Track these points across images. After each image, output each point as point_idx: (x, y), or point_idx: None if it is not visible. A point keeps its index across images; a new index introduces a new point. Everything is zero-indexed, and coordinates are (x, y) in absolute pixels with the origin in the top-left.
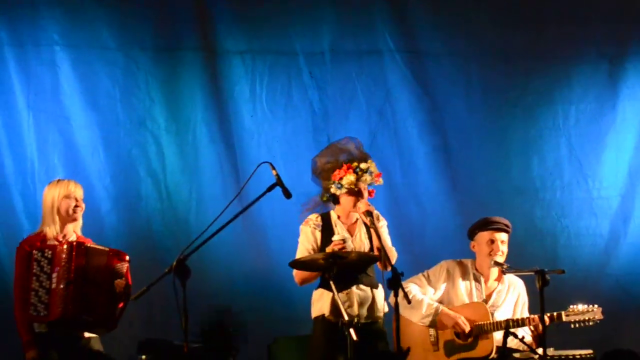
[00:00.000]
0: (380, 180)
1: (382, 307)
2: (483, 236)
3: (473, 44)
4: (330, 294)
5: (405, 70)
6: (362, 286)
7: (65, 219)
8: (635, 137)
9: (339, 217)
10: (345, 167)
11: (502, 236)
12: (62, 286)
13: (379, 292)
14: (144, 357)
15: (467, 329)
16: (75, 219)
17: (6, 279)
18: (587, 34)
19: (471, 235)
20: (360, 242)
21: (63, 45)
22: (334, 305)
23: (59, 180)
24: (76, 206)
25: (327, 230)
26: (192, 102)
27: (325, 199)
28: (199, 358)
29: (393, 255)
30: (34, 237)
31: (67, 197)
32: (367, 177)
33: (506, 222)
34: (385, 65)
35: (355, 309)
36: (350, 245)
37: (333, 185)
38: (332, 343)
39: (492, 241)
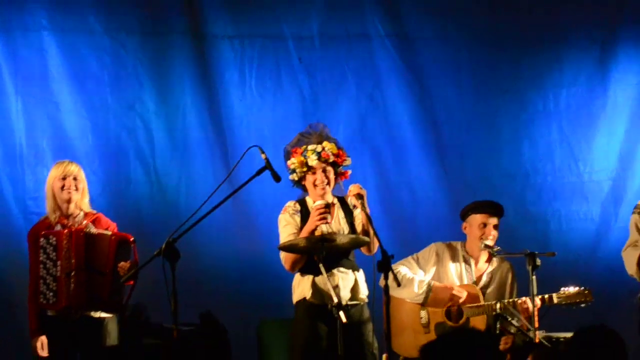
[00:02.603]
0: (346, 160)
1: (365, 290)
2: (475, 219)
3: (463, 29)
4: (311, 277)
5: (395, 55)
6: (342, 269)
7: (60, 201)
8: (626, 121)
9: (314, 201)
10: (293, 151)
11: (495, 220)
12: (64, 275)
13: (360, 275)
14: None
15: (464, 295)
16: (69, 200)
17: None
18: (578, 18)
19: (464, 216)
20: (338, 225)
21: (51, 30)
22: (315, 288)
23: (57, 163)
24: (63, 187)
25: (305, 215)
26: (181, 86)
27: (294, 185)
28: (188, 341)
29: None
30: (41, 224)
31: (59, 178)
32: (313, 158)
33: (500, 206)
34: (374, 50)
35: (330, 288)
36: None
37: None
38: (315, 326)
39: (485, 224)
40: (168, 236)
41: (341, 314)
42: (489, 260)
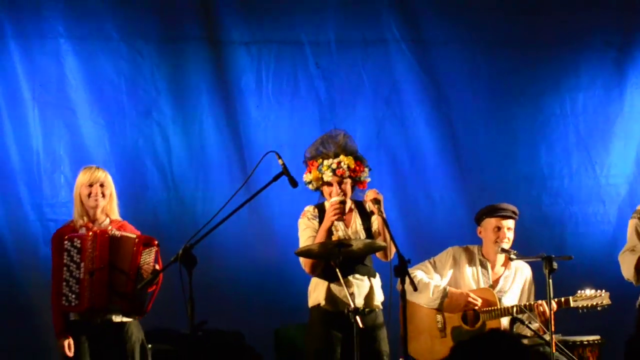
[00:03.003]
0: (363, 172)
1: (380, 296)
2: (490, 222)
3: (479, 32)
4: (326, 283)
5: (411, 59)
6: (358, 275)
7: (87, 207)
8: None
9: None
10: (310, 163)
11: (509, 223)
12: (87, 277)
13: (376, 281)
14: (150, 346)
15: (479, 302)
16: (96, 206)
17: (12, 269)
18: (595, 22)
19: (478, 221)
20: (355, 231)
21: (67, 37)
22: (330, 295)
23: (84, 168)
24: (90, 194)
25: (323, 220)
26: (198, 92)
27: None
28: (205, 346)
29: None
30: (66, 227)
31: (87, 185)
32: (328, 174)
33: (513, 208)
34: (391, 55)
35: (347, 293)
36: (345, 208)
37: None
38: (328, 332)
39: (499, 228)
40: (185, 242)
41: (358, 319)
42: (505, 264)
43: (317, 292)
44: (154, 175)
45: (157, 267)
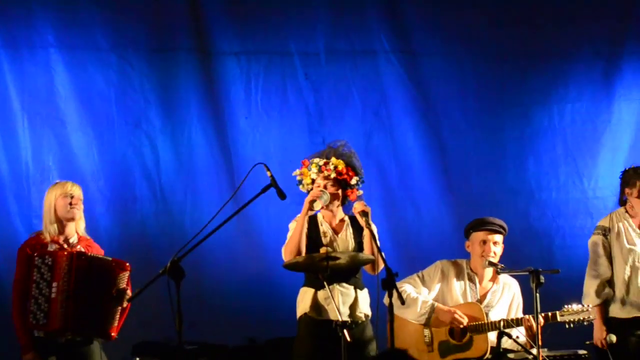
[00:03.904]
0: (353, 179)
1: (366, 309)
2: (477, 236)
3: (468, 44)
4: (312, 291)
5: (400, 70)
6: (345, 284)
7: (61, 218)
8: (631, 137)
9: (323, 216)
10: (303, 162)
11: (496, 237)
12: (62, 298)
13: (363, 294)
14: (138, 359)
15: (465, 321)
16: (72, 218)
17: (2, 282)
18: (583, 33)
19: (466, 234)
20: (345, 241)
21: (57, 47)
22: (315, 302)
23: (57, 182)
24: (71, 204)
25: (314, 228)
26: (187, 103)
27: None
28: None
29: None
30: (34, 240)
31: (64, 196)
32: (314, 170)
33: (501, 222)
34: (380, 66)
35: (335, 307)
36: (325, 197)
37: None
38: (315, 344)
39: (485, 242)
40: (173, 255)
41: (345, 332)
42: (493, 279)
43: (304, 301)
44: (143, 186)
45: (129, 291)
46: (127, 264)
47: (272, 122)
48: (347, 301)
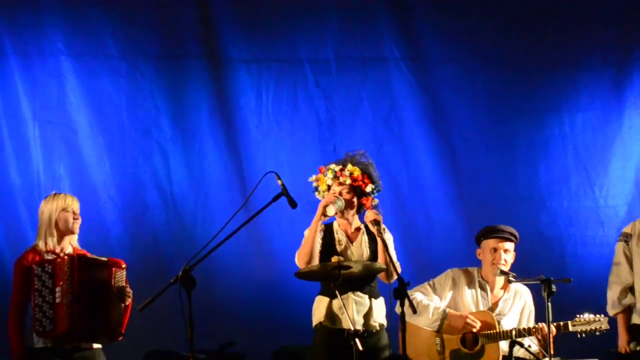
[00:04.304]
0: (368, 186)
1: (381, 318)
2: (488, 244)
3: (478, 52)
4: (327, 300)
5: (410, 78)
6: (359, 293)
7: (63, 232)
8: None
9: (339, 225)
10: (320, 169)
11: (507, 245)
12: (67, 301)
13: (378, 302)
14: None
15: (478, 325)
16: (73, 232)
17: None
18: (593, 41)
19: (477, 242)
20: (360, 250)
21: (68, 54)
22: (330, 311)
23: (55, 194)
24: (74, 219)
25: (329, 237)
26: (198, 111)
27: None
28: None
29: (398, 268)
30: (30, 252)
31: (65, 210)
32: (329, 176)
33: (512, 230)
34: (390, 74)
35: (349, 315)
36: (339, 204)
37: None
38: (330, 352)
39: (495, 249)
40: (185, 263)
41: (357, 341)
42: (505, 287)
43: (319, 309)
44: (154, 194)
45: (128, 288)
46: (123, 262)
47: (283, 131)
48: (361, 310)
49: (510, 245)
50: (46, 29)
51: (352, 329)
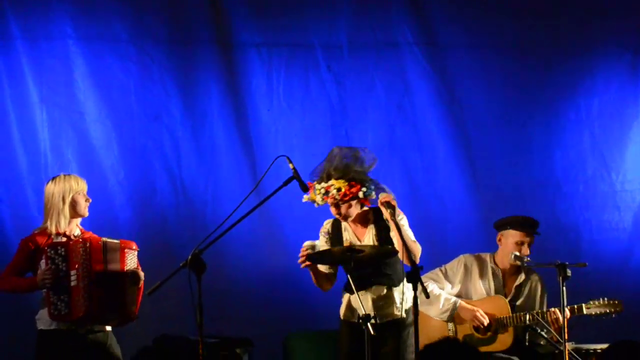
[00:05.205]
0: (359, 193)
1: (401, 304)
2: (513, 235)
3: (492, 36)
4: (347, 295)
5: (424, 63)
6: (378, 287)
7: (74, 214)
8: None
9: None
10: (309, 184)
11: (531, 239)
12: (83, 284)
13: (398, 290)
14: None
15: (486, 321)
16: (84, 215)
17: None
18: (609, 25)
19: (499, 227)
20: (369, 240)
21: (76, 38)
22: (349, 304)
23: (64, 175)
24: (86, 201)
25: (336, 236)
26: (208, 96)
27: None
28: (214, 353)
29: (417, 248)
30: (38, 235)
31: (78, 193)
32: (319, 198)
33: (538, 224)
34: (403, 58)
35: (358, 301)
36: (317, 244)
37: None
38: (352, 342)
39: (522, 243)
40: (194, 247)
41: (369, 325)
42: (517, 272)
43: (343, 305)
44: (163, 178)
45: (139, 270)
46: (134, 244)
47: (294, 115)
48: (379, 301)
49: (533, 239)
50: (54, 13)
51: (364, 312)
